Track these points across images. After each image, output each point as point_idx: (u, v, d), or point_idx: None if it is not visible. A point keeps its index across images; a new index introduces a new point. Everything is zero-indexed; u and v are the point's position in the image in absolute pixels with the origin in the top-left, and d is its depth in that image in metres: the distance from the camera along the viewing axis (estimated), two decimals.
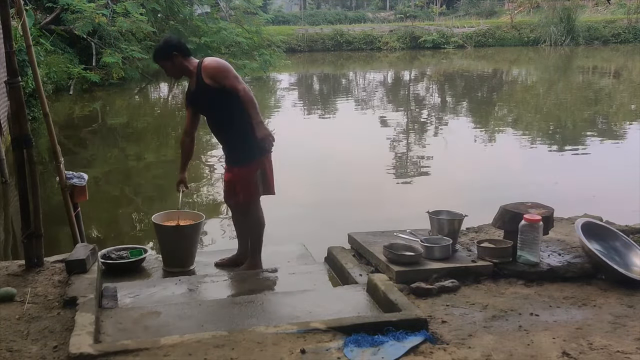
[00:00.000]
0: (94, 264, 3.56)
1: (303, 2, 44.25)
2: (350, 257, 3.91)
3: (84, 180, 4.30)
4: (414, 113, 14.42)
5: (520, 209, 3.54)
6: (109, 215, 6.94)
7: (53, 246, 4.80)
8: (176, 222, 4.25)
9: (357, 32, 31.25)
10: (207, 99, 3.92)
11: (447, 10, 39.13)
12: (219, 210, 7.00)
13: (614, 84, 18.63)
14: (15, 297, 3.15)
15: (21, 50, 8.20)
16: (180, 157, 4.31)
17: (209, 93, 3.87)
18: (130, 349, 2.54)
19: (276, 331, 2.70)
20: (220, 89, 3.83)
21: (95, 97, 16.24)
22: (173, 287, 3.66)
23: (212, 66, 3.84)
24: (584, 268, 3.46)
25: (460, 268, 3.42)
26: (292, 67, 23.02)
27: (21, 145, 3.54)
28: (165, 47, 3.95)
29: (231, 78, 3.82)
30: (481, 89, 18.54)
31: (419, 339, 2.67)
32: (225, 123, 3.96)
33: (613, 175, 7.91)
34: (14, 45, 3.53)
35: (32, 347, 2.66)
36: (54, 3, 16.83)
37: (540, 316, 2.96)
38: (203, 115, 4.13)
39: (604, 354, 2.57)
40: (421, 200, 7.02)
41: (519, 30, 30.97)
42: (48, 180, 6.66)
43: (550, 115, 13.42)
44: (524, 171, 8.41)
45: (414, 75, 22.95)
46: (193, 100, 4.03)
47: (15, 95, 3.54)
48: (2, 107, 8.67)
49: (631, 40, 30.04)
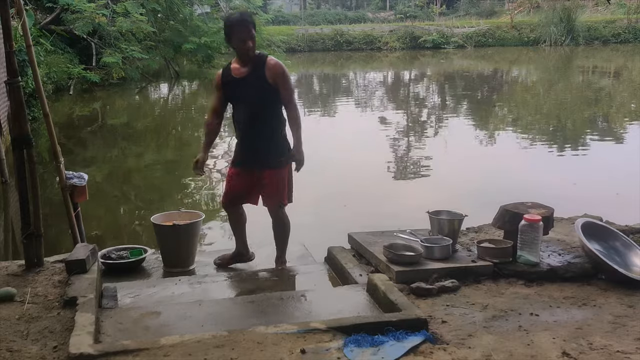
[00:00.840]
0: (94, 264, 3.56)
1: (303, 2, 44.23)
2: (350, 257, 3.91)
3: (84, 180, 4.30)
4: (413, 113, 14.42)
5: (520, 209, 3.54)
6: (109, 215, 6.94)
7: (53, 246, 4.80)
8: (174, 222, 4.25)
9: (357, 32, 31.23)
10: (261, 92, 3.88)
11: (447, 10, 39.10)
12: (219, 210, 7.01)
13: (614, 84, 18.63)
14: (15, 297, 3.15)
15: (21, 50, 8.20)
16: (204, 138, 4.19)
17: (264, 88, 3.86)
18: (130, 349, 2.54)
19: (276, 331, 2.70)
20: (275, 90, 3.87)
21: (95, 97, 16.24)
22: (173, 287, 3.66)
23: (281, 69, 3.90)
24: (584, 268, 3.46)
25: (460, 268, 3.42)
26: (292, 67, 22.96)
27: (21, 145, 3.54)
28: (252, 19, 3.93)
29: (289, 89, 3.95)
30: (481, 89, 18.54)
31: (419, 339, 2.67)
32: (262, 119, 3.93)
33: (613, 175, 7.91)
34: (14, 45, 3.53)
35: (32, 347, 2.66)
36: (54, 3, 16.83)
37: (540, 316, 2.96)
38: (234, 104, 4.06)
39: (604, 354, 2.57)
40: (421, 200, 7.02)
41: (519, 30, 30.95)
42: (48, 180, 6.65)
43: (550, 115, 13.41)
44: (524, 171, 8.40)
45: (414, 75, 22.95)
46: (241, 86, 3.92)
47: (15, 95, 3.54)
48: (2, 107, 8.68)
49: (631, 40, 30.02)
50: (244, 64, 3.91)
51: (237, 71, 3.95)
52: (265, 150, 3.95)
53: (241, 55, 3.90)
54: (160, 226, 4.25)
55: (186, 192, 7.92)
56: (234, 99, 4.02)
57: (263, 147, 3.95)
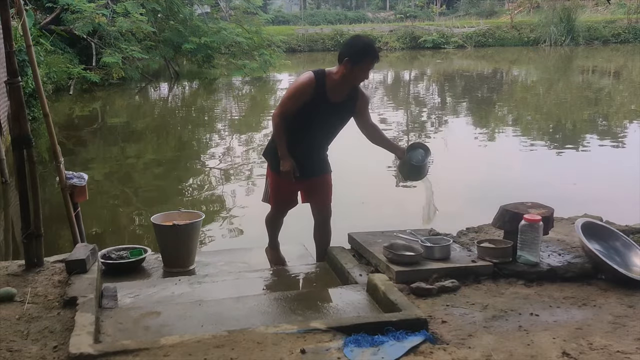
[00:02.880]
0: (94, 264, 3.55)
1: (303, 2, 44.24)
2: (350, 257, 3.90)
3: (84, 180, 4.30)
4: (413, 113, 14.43)
5: (520, 209, 3.54)
6: (109, 215, 6.94)
7: (53, 246, 4.80)
8: (174, 222, 4.25)
9: (357, 32, 31.14)
10: (347, 120, 3.96)
11: (447, 10, 39.15)
12: (219, 211, 7.01)
13: (613, 84, 18.63)
14: (15, 297, 3.15)
15: (21, 50, 8.20)
16: (282, 142, 3.86)
17: (350, 116, 3.94)
18: (130, 349, 2.54)
19: (276, 331, 2.70)
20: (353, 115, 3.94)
21: (95, 97, 16.25)
22: (173, 287, 3.66)
23: (368, 100, 4.07)
24: (584, 268, 3.46)
25: (460, 268, 3.42)
26: (292, 67, 23.00)
27: (21, 145, 3.54)
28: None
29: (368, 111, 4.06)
30: (481, 89, 18.54)
31: (419, 339, 2.67)
32: (333, 137, 4.04)
33: (613, 175, 7.91)
34: (14, 45, 3.53)
35: (32, 347, 2.66)
36: (54, 3, 16.84)
37: (540, 316, 2.96)
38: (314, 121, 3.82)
39: (604, 354, 2.57)
40: (421, 200, 7.01)
41: (519, 30, 30.97)
42: (48, 180, 6.65)
43: (550, 115, 13.42)
44: (524, 171, 8.40)
45: (414, 75, 22.96)
46: (333, 112, 3.82)
47: (15, 95, 3.53)
48: (2, 107, 8.68)
49: (631, 40, 30.03)
50: (343, 90, 3.78)
51: (334, 95, 3.77)
52: (324, 157, 4.10)
53: (351, 82, 3.77)
54: (160, 226, 4.25)
55: (186, 192, 7.93)
56: (319, 119, 3.81)
57: (324, 156, 4.09)
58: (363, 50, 3.66)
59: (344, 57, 3.67)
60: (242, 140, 11.63)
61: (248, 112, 15.39)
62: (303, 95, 3.76)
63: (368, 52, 3.67)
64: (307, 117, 3.81)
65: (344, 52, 3.70)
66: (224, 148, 10.91)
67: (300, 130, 3.85)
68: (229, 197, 7.45)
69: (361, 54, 3.65)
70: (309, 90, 3.74)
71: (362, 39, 3.80)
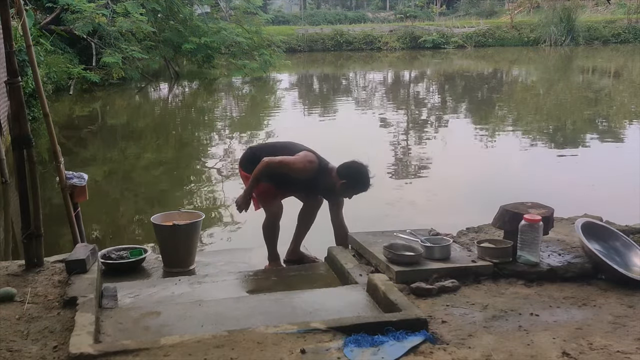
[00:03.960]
0: (94, 264, 3.55)
1: (303, 2, 44.23)
2: (350, 257, 3.90)
3: (84, 180, 4.30)
4: (413, 113, 14.42)
5: (520, 209, 3.53)
6: (109, 215, 6.94)
7: (53, 246, 4.80)
8: (174, 222, 4.25)
9: (357, 32, 31.25)
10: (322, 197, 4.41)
11: (447, 10, 39.13)
12: (219, 211, 7.01)
13: (614, 84, 18.63)
14: (15, 297, 3.15)
15: (21, 50, 8.21)
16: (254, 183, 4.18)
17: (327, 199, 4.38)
18: (130, 349, 2.54)
19: (276, 331, 2.70)
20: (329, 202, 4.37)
21: (95, 97, 16.25)
22: (173, 287, 3.66)
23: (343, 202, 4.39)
24: (584, 268, 3.46)
25: (460, 268, 3.42)
26: (292, 67, 23.01)
27: (21, 145, 3.54)
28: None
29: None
30: (481, 89, 18.54)
31: (419, 339, 2.67)
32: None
33: (613, 175, 7.91)
34: (14, 45, 3.53)
35: (32, 347, 2.66)
36: (54, 3, 16.84)
37: (540, 316, 2.96)
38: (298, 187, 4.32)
39: (604, 354, 2.57)
40: (421, 200, 7.02)
41: (519, 30, 30.96)
42: (48, 180, 6.65)
43: (550, 115, 13.42)
44: (524, 171, 8.40)
45: (414, 75, 22.95)
46: (315, 190, 4.30)
47: (15, 95, 3.53)
48: (2, 107, 8.68)
49: (631, 40, 30.03)
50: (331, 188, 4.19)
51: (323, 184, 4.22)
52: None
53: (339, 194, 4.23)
54: (160, 226, 4.26)
55: (186, 192, 7.93)
56: (303, 188, 4.33)
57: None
58: (362, 184, 4.14)
59: (344, 178, 4.10)
60: (242, 140, 11.64)
61: (248, 112, 15.40)
62: (301, 174, 4.13)
63: (364, 187, 4.15)
64: (293, 181, 4.18)
65: (345, 175, 4.11)
66: (224, 148, 10.92)
67: (284, 182, 4.21)
68: (229, 197, 7.45)
69: (359, 186, 4.14)
70: (310, 174, 4.14)
71: (364, 174, 4.14)
